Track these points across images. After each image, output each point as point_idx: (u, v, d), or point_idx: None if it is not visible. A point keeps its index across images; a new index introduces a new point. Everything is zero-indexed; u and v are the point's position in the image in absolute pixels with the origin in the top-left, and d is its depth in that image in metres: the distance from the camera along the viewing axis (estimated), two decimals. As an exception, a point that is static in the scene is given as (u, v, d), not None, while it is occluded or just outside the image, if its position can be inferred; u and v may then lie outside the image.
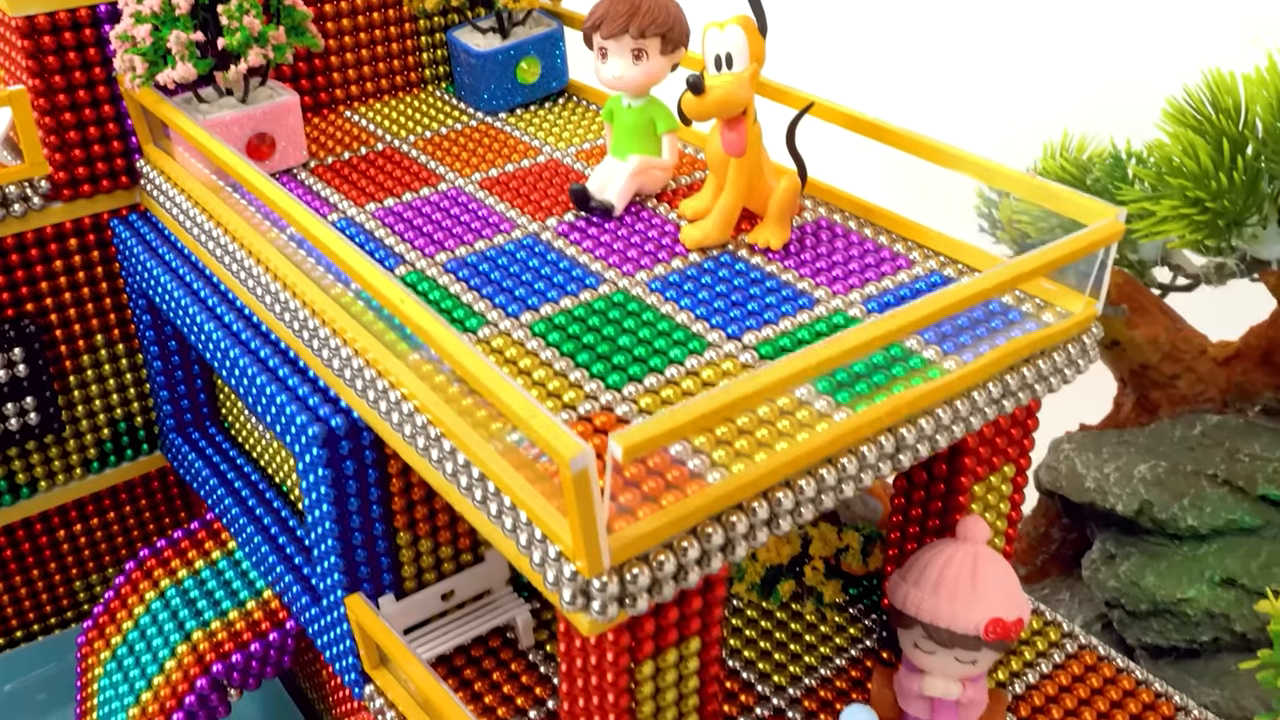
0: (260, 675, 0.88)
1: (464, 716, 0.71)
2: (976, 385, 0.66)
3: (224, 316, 0.82)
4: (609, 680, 0.60)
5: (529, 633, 0.82)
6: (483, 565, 0.83)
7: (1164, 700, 0.80)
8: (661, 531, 0.54)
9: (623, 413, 0.62)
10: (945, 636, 0.69)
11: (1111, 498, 1.05)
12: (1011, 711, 0.78)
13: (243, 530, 0.91)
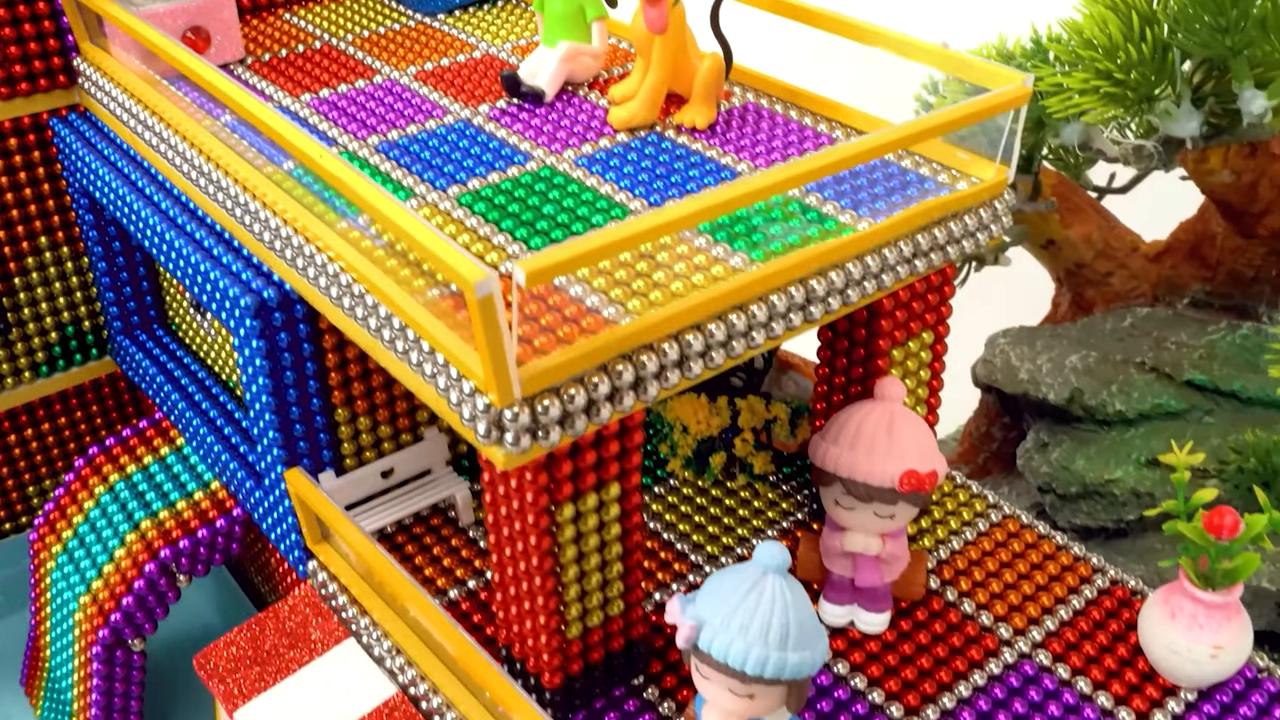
0: (209, 562, 0.90)
1: (406, 584, 0.73)
2: (887, 243, 0.68)
3: (162, 204, 0.84)
4: (530, 522, 0.62)
5: (469, 510, 0.85)
6: (422, 444, 0.85)
7: (1082, 563, 0.83)
8: (572, 365, 0.56)
9: (542, 269, 0.64)
10: (863, 490, 0.72)
11: (1044, 387, 1.07)
12: (935, 574, 0.81)
13: (190, 425, 0.93)
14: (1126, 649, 0.76)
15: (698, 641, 0.60)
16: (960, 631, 0.77)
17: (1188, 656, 0.71)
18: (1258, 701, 0.73)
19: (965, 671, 0.74)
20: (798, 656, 0.59)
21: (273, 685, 0.76)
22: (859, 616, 0.77)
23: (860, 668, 0.74)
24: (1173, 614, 0.72)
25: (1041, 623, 0.78)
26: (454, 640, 0.69)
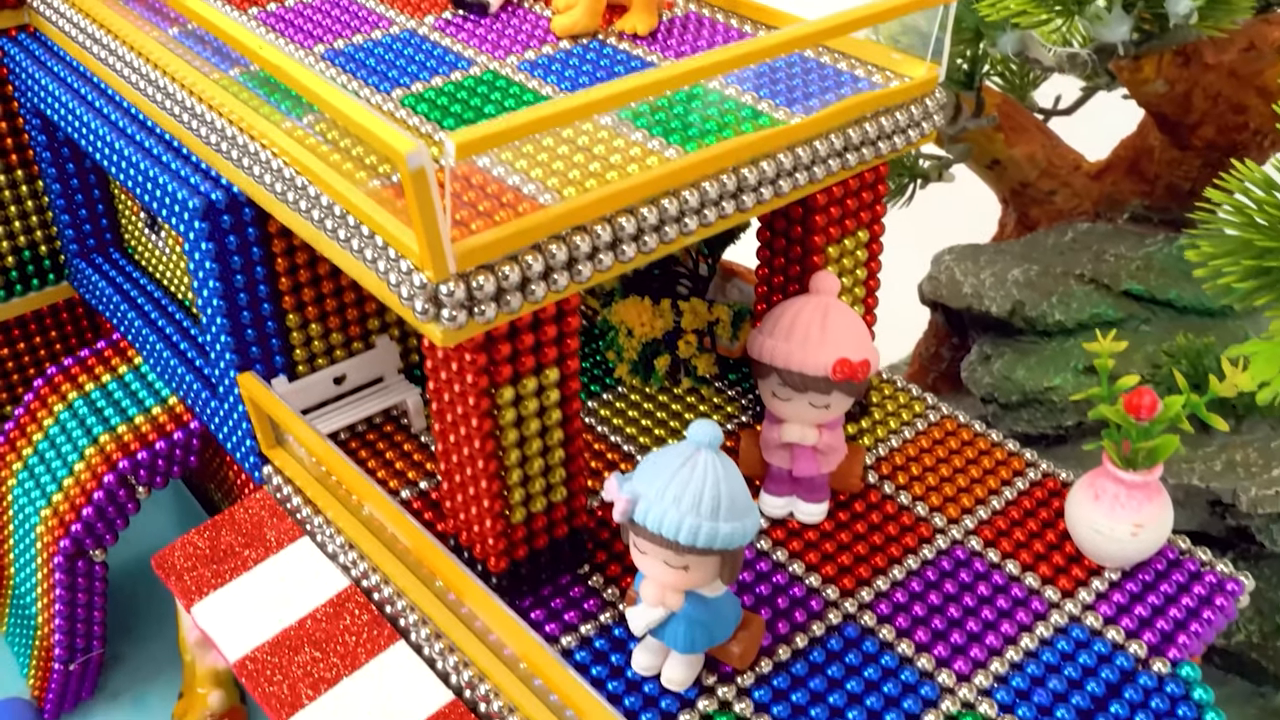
0: (167, 474, 0.92)
1: (360, 479, 0.75)
2: (818, 135, 0.70)
3: (112, 116, 0.85)
4: (471, 404, 0.64)
5: (420, 416, 0.86)
6: (374, 352, 0.86)
7: (1016, 457, 0.85)
8: (506, 243, 0.58)
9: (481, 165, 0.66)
10: (798, 380, 0.74)
11: (986, 301, 1.10)
12: (874, 470, 0.84)
13: (146, 343, 0.95)
14: (1055, 534, 0.79)
15: (634, 515, 0.62)
16: (896, 521, 0.80)
17: (1110, 536, 0.74)
18: (1178, 580, 0.76)
19: (899, 557, 0.77)
20: (729, 527, 0.61)
21: (229, 581, 0.78)
22: (798, 507, 0.79)
23: (799, 555, 0.77)
24: (1096, 496, 0.75)
25: (974, 512, 0.80)
26: (406, 531, 0.71)
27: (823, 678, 0.69)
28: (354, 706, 0.70)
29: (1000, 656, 0.70)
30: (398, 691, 0.70)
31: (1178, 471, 0.98)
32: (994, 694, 0.68)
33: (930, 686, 0.68)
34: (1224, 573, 0.76)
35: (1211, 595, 0.75)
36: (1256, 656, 1.04)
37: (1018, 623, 0.72)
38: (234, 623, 0.76)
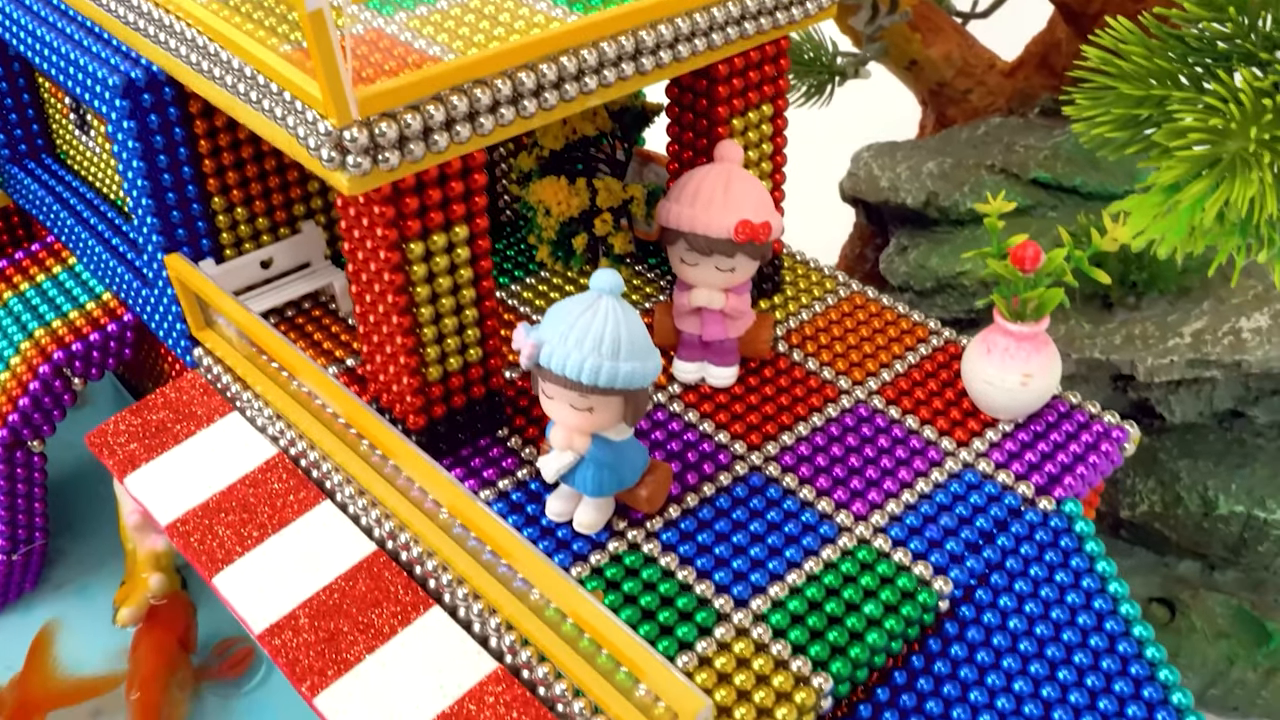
0: (101, 365, 0.94)
1: (288, 350, 0.77)
2: (717, 2, 0.72)
3: (30, 4, 0.86)
4: (382, 258, 0.67)
5: (346, 297, 0.89)
6: (300, 237, 0.89)
7: (920, 326, 0.89)
8: (407, 91, 0.60)
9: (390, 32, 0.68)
10: (703, 243, 0.77)
11: (902, 193, 1.14)
12: (784, 341, 0.87)
13: (80, 242, 0.96)
14: (953, 393, 0.83)
15: (539, 359, 0.65)
16: (803, 385, 0.83)
17: (1001, 386, 0.78)
18: (1067, 429, 0.80)
19: (805, 415, 0.81)
20: (629, 366, 0.65)
21: (161, 453, 0.81)
22: (709, 372, 0.83)
23: (709, 416, 0.81)
24: (988, 350, 0.79)
25: (878, 375, 0.84)
26: (332, 394, 0.73)
27: (727, 521, 0.73)
28: (281, 560, 0.73)
29: (896, 499, 0.74)
30: (324, 546, 0.73)
31: (1080, 346, 1.03)
32: (889, 530, 0.72)
33: (829, 526, 0.72)
34: (1110, 422, 0.81)
35: (1098, 442, 0.79)
36: (1159, 526, 1.09)
37: (914, 469, 0.76)
38: (166, 490, 0.78)
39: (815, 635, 0.66)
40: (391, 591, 0.70)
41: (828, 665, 0.64)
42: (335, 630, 0.68)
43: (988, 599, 0.70)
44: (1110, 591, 0.70)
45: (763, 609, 0.67)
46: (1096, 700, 0.66)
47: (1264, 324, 0.98)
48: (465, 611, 0.68)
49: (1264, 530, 1.04)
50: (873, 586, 0.69)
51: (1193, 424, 1.07)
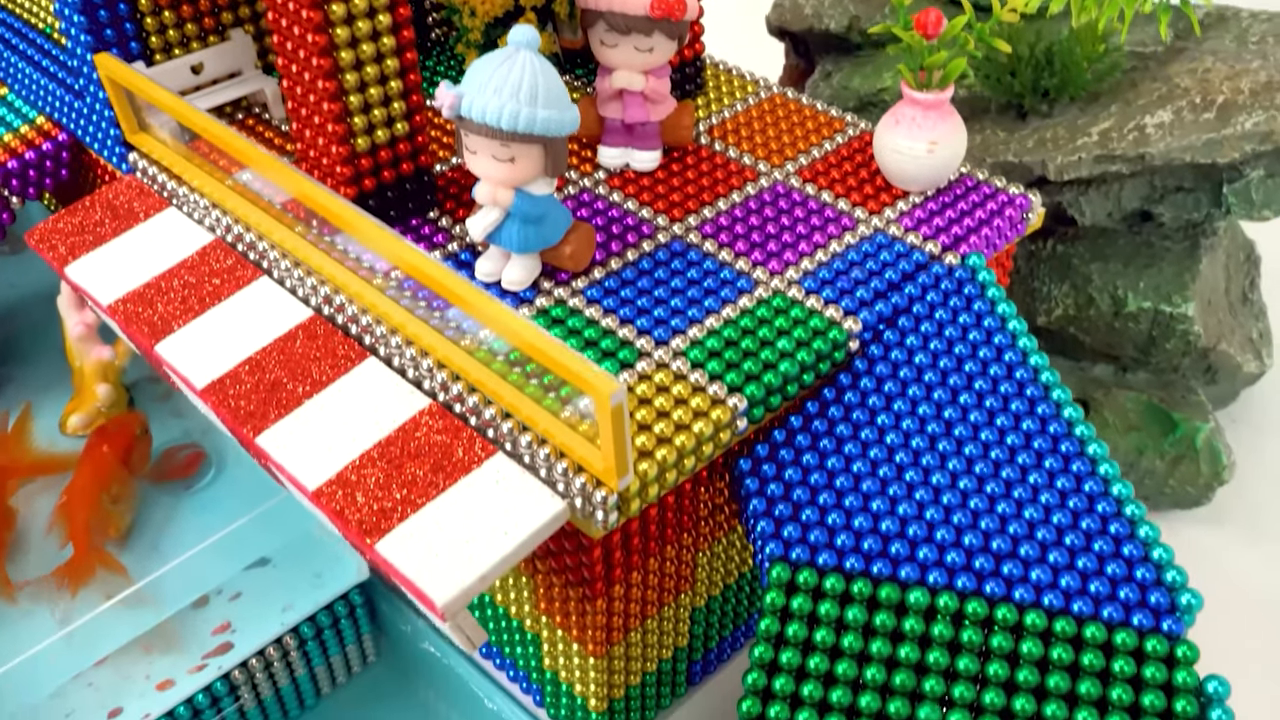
0: (39, 185, 0.96)
1: (229, 133, 0.78)
2: None
3: None
4: (305, 17, 0.70)
5: (278, 104, 0.91)
6: (230, 45, 0.91)
7: (838, 119, 0.93)
8: None
9: None
10: (621, 21, 0.80)
11: (825, 19, 1.17)
12: (706, 135, 0.91)
13: (14, 70, 0.98)
14: (867, 173, 0.86)
15: (460, 110, 0.68)
16: (724, 169, 0.87)
17: (909, 155, 0.82)
18: (973, 199, 0.84)
19: (725, 194, 0.84)
20: (546, 113, 0.68)
21: (100, 245, 0.83)
22: (632, 157, 0.86)
23: (633, 196, 0.84)
24: (896, 121, 0.82)
25: (795, 160, 0.88)
26: (273, 168, 0.74)
27: (649, 279, 0.76)
28: (221, 328, 0.76)
29: (810, 258, 0.78)
30: (262, 314, 0.76)
31: (995, 152, 1.07)
32: (802, 283, 0.76)
33: (746, 280, 0.76)
34: (1015, 191, 0.85)
35: (1002, 209, 0.83)
36: (1074, 331, 1.14)
37: (827, 234, 0.80)
38: (106, 276, 0.81)
39: (731, 365, 0.70)
40: (329, 348, 0.73)
41: (742, 389, 0.68)
42: (275, 381, 0.71)
43: (895, 339, 0.74)
44: (1010, 329, 0.75)
45: (681, 347, 0.71)
46: (994, 418, 0.70)
47: (1167, 119, 1.02)
48: (399, 360, 0.71)
49: (1171, 326, 1.09)
50: (785, 326, 0.72)
51: (1104, 228, 1.12)
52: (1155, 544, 0.64)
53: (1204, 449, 1.11)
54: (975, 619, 0.63)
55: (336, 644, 0.92)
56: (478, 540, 0.61)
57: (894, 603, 0.63)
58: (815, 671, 0.63)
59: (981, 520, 0.66)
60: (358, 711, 0.94)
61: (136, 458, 0.95)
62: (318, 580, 0.91)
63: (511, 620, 0.80)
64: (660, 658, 0.79)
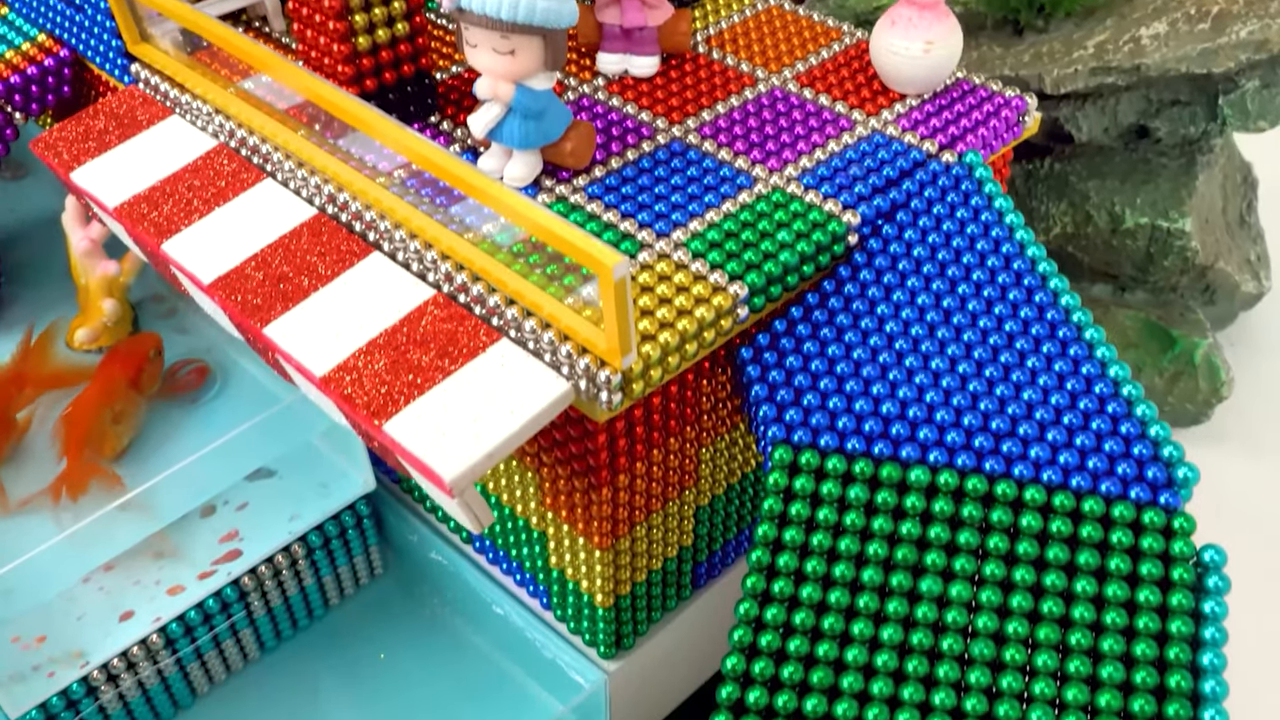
0: (41, 100, 0.96)
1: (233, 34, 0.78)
2: None
3: None
4: (306, -90, 0.70)
5: (278, 16, 0.92)
6: (228, -43, 0.91)
7: (834, 29, 0.93)
8: None
9: None
10: (619, -77, 0.80)
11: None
12: (704, 44, 0.91)
13: (12, -11, 0.98)
14: (864, 77, 0.87)
15: (460, 2, 0.69)
16: (722, 75, 0.87)
17: (906, 55, 0.82)
18: (970, 101, 0.84)
19: (724, 98, 0.84)
20: (545, 3, 0.68)
21: (105, 152, 0.84)
22: (631, 63, 0.86)
23: (633, 101, 0.84)
24: (893, 23, 0.82)
25: (793, 66, 0.88)
26: (279, 67, 0.75)
27: (650, 177, 0.77)
28: (226, 227, 0.76)
29: (809, 156, 0.78)
30: (267, 214, 0.77)
31: (992, 67, 1.07)
32: (801, 179, 0.76)
33: (745, 178, 0.77)
34: (1011, 94, 0.85)
35: (999, 110, 0.83)
36: (1072, 250, 1.15)
37: (826, 135, 0.81)
38: (112, 180, 0.81)
39: (731, 255, 0.70)
40: (334, 244, 0.74)
41: (743, 277, 0.69)
42: (281, 275, 0.72)
43: (894, 233, 0.75)
44: (1007, 223, 0.75)
45: (682, 239, 0.72)
46: (992, 306, 0.71)
47: (1162, 30, 1.03)
48: (404, 254, 0.72)
49: (1168, 242, 1.10)
50: (785, 220, 0.73)
51: (1100, 146, 1.12)
52: (1153, 421, 0.65)
53: (1202, 364, 1.12)
54: (975, 495, 0.64)
55: (344, 555, 0.94)
56: (484, 419, 0.62)
57: (895, 481, 0.64)
58: (818, 549, 0.64)
59: (981, 402, 0.67)
60: (366, 622, 0.95)
61: (146, 378, 0.95)
62: (324, 491, 0.92)
63: (518, 520, 0.81)
64: (665, 556, 0.81)
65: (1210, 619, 0.59)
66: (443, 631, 0.94)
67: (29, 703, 0.79)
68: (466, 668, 0.91)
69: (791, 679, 0.60)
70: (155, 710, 0.87)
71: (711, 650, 0.81)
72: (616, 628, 0.81)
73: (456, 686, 0.90)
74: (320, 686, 0.91)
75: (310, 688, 0.91)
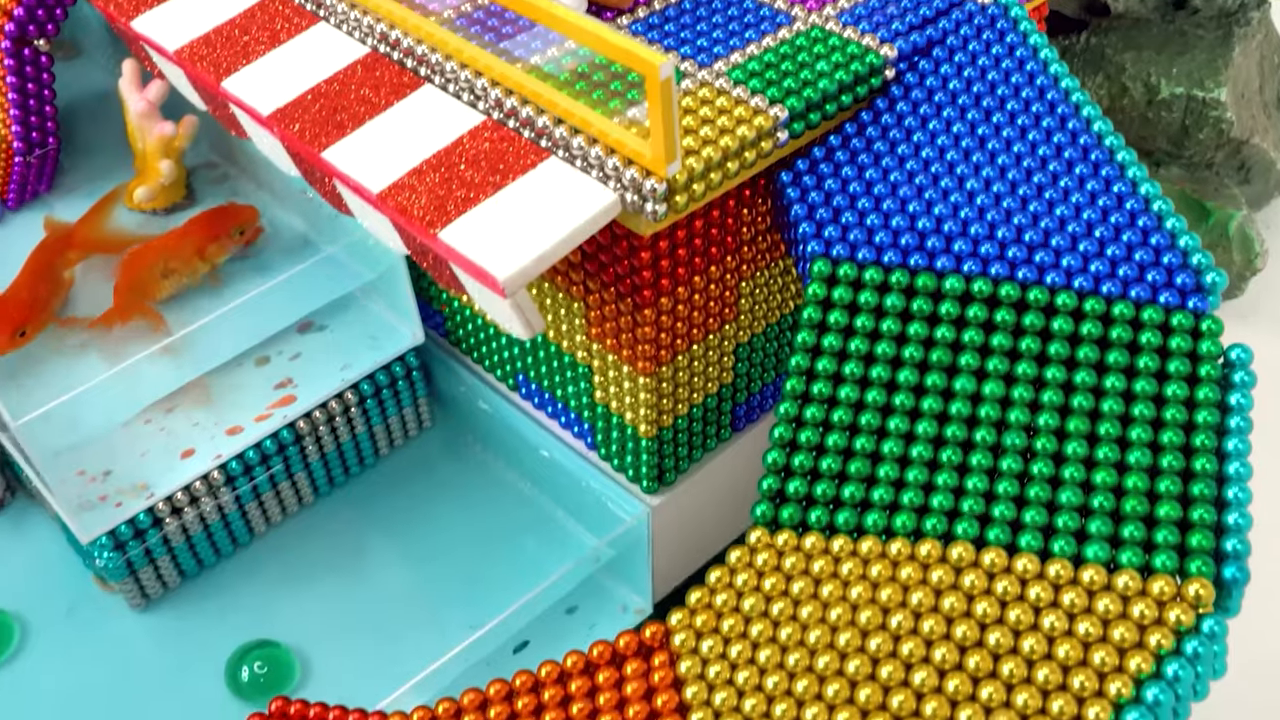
0: (98, -32, 0.99)
1: None
2: None
3: None
4: None
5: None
6: None
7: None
8: None
9: None
10: None
11: None
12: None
13: None
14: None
15: None
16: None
17: (945, -99, 0.83)
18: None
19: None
20: None
21: (163, 1, 0.86)
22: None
23: (675, -49, 0.86)
24: None
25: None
26: None
27: (691, 16, 0.79)
28: (283, 65, 0.79)
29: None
30: (321, 53, 0.79)
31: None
32: (839, 17, 0.78)
33: (784, 16, 0.79)
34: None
35: (1036, -43, 0.85)
36: (1107, 123, 1.15)
37: (865, -21, 0.82)
38: (170, 27, 0.84)
39: (771, 83, 0.72)
40: (387, 78, 0.76)
41: (783, 101, 0.71)
42: (337, 105, 0.75)
43: (930, 68, 0.77)
44: (1042, 58, 0.77)
45: (724, 69, 0.74)
46: (1027, 133, 0.73)
47: (1201, -106, 1.03)
48: (455, 86, 0.74)
49: (1204, 114, 1.11)
50: (824, 52, 0.75)
51: (1137, 17, 1.13)
52: (1182, 232, 0.67)
53: (1236, 235, 1.13)
54: (1009, 301, 0.66)
55: (394, 405, 0.97)
56: (535, 226, 0.65)
57: (931, 289, 0.67)
58: (856, 353, 0.66)
59: (1015, 217, 0.69)
60: (415, 470, 0.99)
61: (216, 248, 0.97)
62: (374, 343, 0.96)
63: (564, 356, 0.84)
64: (706, 391, 0.83)
65: (1236, 410, 0.61)
66: (489, 479, 0.97)
67: (98, 529, 0.83)
68: (512, 512, 0.94)
69: (830, 470, 0.63)
70: (215, 546, 0.91)
71: (750, 496, 0.84)
72: (659, 461, 0.84)
73: (502, 529, 0.93)
74: (369, 531, 0.94)
75: (360, 532, 0.94)
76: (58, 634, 0.87)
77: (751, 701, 0.56)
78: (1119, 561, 0.57)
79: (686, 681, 0.58)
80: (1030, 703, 0.53)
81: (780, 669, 0.57)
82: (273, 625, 0.88)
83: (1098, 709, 0.52)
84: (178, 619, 0.88)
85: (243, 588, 0.91)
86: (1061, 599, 0.56)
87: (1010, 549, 0.58)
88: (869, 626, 0.57)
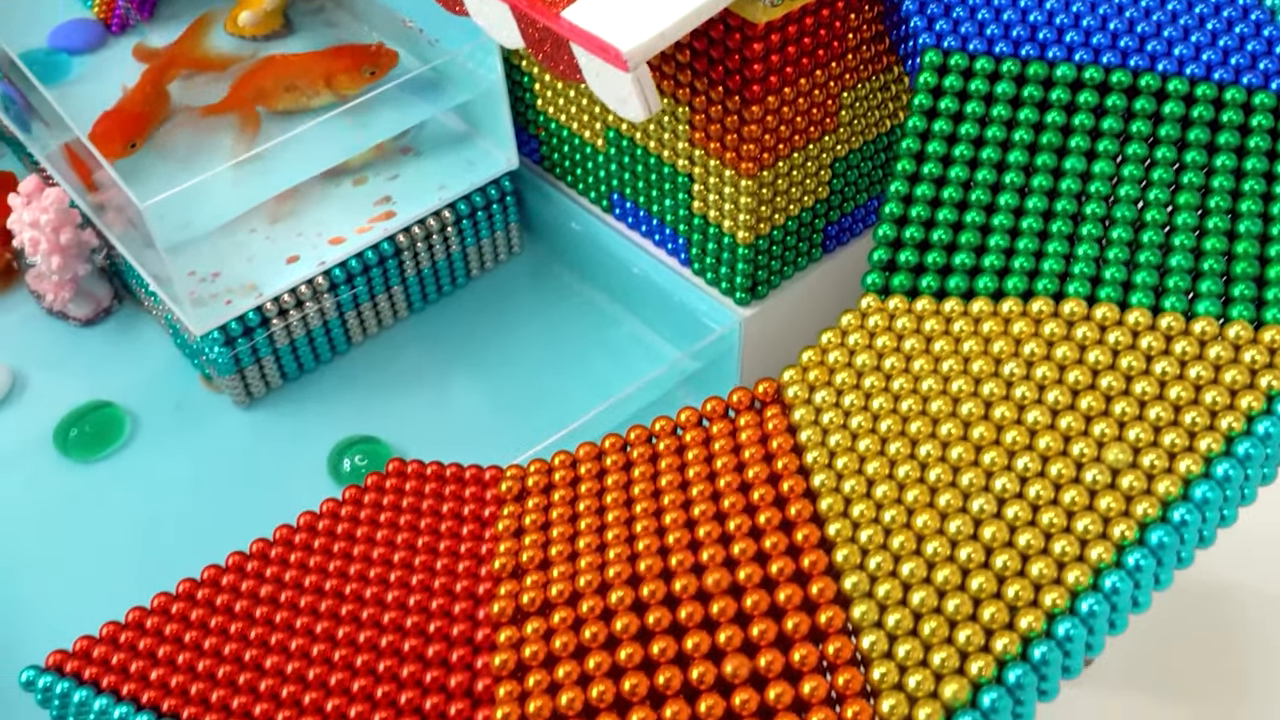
0: None
1: None
2: None
3: None
4: None
5: None
6: None
7: None
8: None
9: None
10: None
11: None
12: None
13: None
14: None
15: None
16: None
17: None
18: None
19: None
20: None
21: None
22: None
23: None
24: None
25: None
26: None
27: None
28: None
29: None
30: None
31: None
32: None
33: None
34: None
35: None
36: None
37: None
38: None
39: (888, -121, 0.73)
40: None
41: (899, -105, 0.72)
42: (456, -103, 0.76)
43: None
44: None
45: None
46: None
47: None
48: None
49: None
50: None
51: None
52: (1294, 24, 0.68)
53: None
54: (1120, 87, 0.67)
55: (487, 227, 0.99)
56: (658, 3, 0.66)
57: (1042, 77, 0.68)
58: (966, 137, 0.67)
59: (1126, 10, 0.70)
60: (506, 289, 1.01)
61: (345, 80, 0.98)
62: (470, 167, 0.98)
63: (663, 167, 0.86)
64: (802, 204, 0.85)
65: (1346, 187, 0.63)
66: (579, 299, 0.99)
67: (211, 323, 0.86)
68: (598, 331, 0.97)
69: (941, 240, 0.65)
70: (315, 351, 0.94)
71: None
72: (753, 271, 0.86)
73: (588, 347, 0.95)
74: (459, 346, 0.97)
75: (450, 347, 0.97)
76: (167, 426, 0.91)
77: (865, 442, 0.59)
78: (1229, 315, 0.58)
79: (800, 427, 0.61)
80: (1143, 437, 0.55)
81: (894, 414, 0.59)
82: (369, 427, 0.91)
83: (1209, 440, 0.54)
84: (280, 417, 0.92)
85: (341, 392, 0.94)
86: (1173, 348, 0.57)
87: (1122, 306, 0.60)
88: (981, 375, 0.59)
